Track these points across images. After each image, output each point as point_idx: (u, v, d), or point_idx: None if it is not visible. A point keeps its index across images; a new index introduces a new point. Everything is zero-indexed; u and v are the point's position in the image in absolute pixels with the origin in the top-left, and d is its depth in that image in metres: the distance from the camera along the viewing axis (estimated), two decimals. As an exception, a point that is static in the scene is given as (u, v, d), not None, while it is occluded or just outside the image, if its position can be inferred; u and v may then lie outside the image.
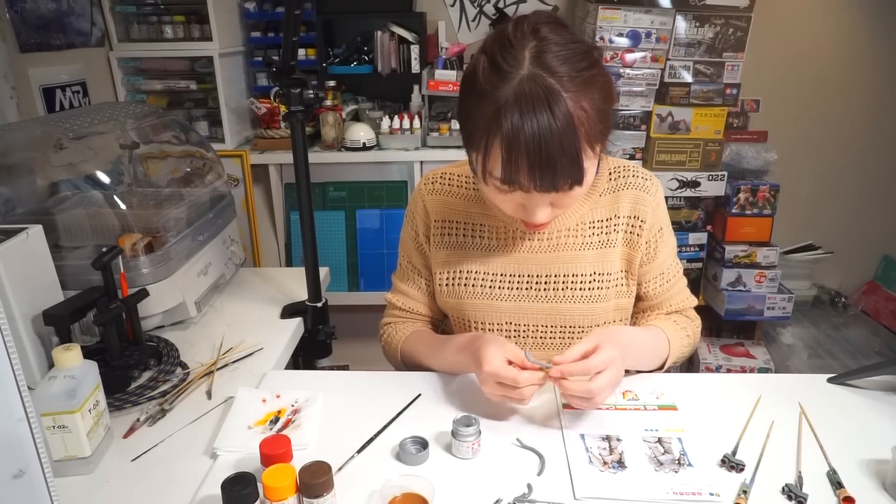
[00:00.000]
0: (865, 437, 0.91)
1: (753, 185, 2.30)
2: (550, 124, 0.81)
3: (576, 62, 0.84)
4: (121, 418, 1.00)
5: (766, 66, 2.52)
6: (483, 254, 1.09)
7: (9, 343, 0.58)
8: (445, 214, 1.11)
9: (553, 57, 0.83)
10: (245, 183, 2.43)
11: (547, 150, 0.82)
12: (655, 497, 0.80)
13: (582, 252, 1.06)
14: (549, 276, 1.06)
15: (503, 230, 1.08)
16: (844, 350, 2.48)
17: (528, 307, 1.07)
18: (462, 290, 1.09)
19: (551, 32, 0.86)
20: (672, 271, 1.12)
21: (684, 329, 1.12)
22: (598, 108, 0.86)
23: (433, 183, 1.13)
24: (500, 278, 1.08)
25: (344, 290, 2.53)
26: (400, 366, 1.18)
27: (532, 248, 1.07)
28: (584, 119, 0.84)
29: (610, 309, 1.07)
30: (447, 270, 1.11)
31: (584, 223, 1.07)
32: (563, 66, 0.83)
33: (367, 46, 2.46)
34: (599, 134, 0.87)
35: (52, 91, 1.94)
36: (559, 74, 0.83)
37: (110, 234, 1.25)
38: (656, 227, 1.07)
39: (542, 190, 0.86)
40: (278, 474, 0.74)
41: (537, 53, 0.84)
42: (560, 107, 0.81)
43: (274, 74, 1.25)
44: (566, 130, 0.82)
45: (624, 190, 1.06)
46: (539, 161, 0.83)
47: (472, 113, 0.88)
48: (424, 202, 1.12)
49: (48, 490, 0.64)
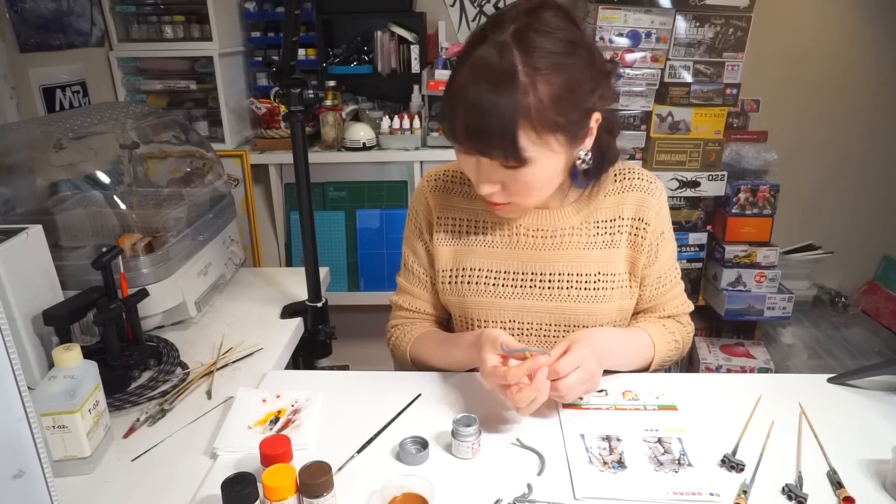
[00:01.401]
0: (865, 437, 0.91)
1: (753, 185, 2.29)
2: (493, 88, 0.84)
3: (553, 45, 0.85)
4: (121, 418, 1.00)
5: (766, 66, 2.52)
6: (487, 251, 1.09)
7: (9, 343, 0.58)
8: (448, 211, 1.11)
9: (534, 33, 0.85)
10: (245, 183, 2.43)
11: (481, 116, 0.85)
12: (655, 497, 0.80)
13: (586, 251, 1.06)
14: (552, 275, 1.06)
15: (506, 227, 1.08)
16: (844, 350, 2.48)
17: (532, 305, 1.07)
18: (465, 288, 1.09)
19: (549, 15, 0.87)
20: (670, 276, 1.12)
21: (672, 334, 1.11)
22: (556, 95, 0.86)
23: (436, 180, 1.13)
24: (504, 276, 1.07)
25: (344, 290, 2.53)
26: (411, 369, 1.16)
27: (536, 245, 1.07)
28: (532, 100, 0.84)
29: (613, 309, 1.07)
30: (450, 268, 1.11)
31: (588, 222, 1.07)
32: (539, 42, 0.85)
33: (367, 46, 2.46)
34: (553, 124, 0.87)
35: (52, 91, 1.95)
36: (529, 49, 0.84)
37: (110, 234, 1.25)
38: (659, 231, 1.07)
39: (472, 149, 0.90)
40: (278, 474, 0.74)
41: (522, 28, 0.86)
42: (509, 77, 0.83)
43: (274, 74, 1.25)
44: (506, 101, 0.84)
45: (629, 192, 1.07)
46: (471, 120, 0.86)
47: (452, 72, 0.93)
48: (427, 198, 1.12)
49: (48, 490, 0.64)
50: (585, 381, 0.91)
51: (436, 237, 1.12)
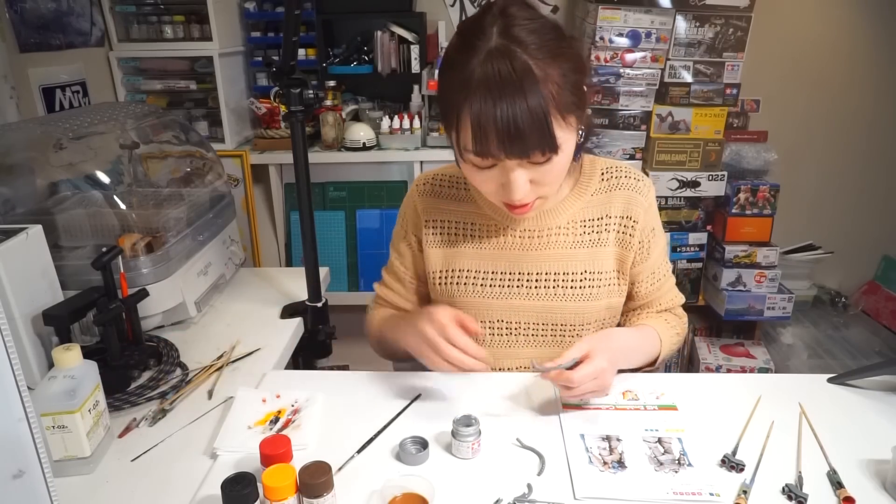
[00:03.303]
0: (865, 437, 0.91)
1: (753, 185, 2.30)
2: (517, 90, 0.82)
3: (543, 34, 0.86)
4: (120, 418, 1.00)
5: (766, 66, 2.52)
6: (475, 252, 1.10)
7: (9, 343, 0.58)
8: (437, 214, 1.12)
9: (520, 29, 0.85)
10: (245, 183, 2.43)
11: (514, 116, 0.83)
12: (655, 497, 0.80)
13: (573, 250, 1.07)
14: (540, 274, 1.07)
15: (494, 228, 1.09)
16: (844, 350, 2.48)
17: (520, 305, 1.08)
18: (455, 289, 1.10)
19: (519, 11, 0.88)
20: (662, 271, 1.14)
21: (674, 328, 1.14)
22: (567, 77, 0.87)
23: (425, 184, 1.15)
24: (492, 276, 1.08)
25: (344, 290, 2.53)
26: (376, 348, 1.22)
27: (523, 245, 1.08)
28: (552, 88, 0.85)
29: (602, 308, 1.08)
30: (440, 269, 1.12)
31: (575, 222, 1.07)
32: (530, 36, 0.85)
33: (367, 46, 2.46)
34: (571, 105, 0.88)
35: (51, 91, 1.94)
36: (526, 44, 0.84)
37: (110, 234, 1.25)
38: (649, 228, 1.09)
39: (512, 156, 0.87)
40: (278, 474, 0.74)
41: (504, 28, 0.86)
42: (527, 75, 0.83)
43: (274, 74, 1.26)
44: (532, 96, 0.83)
45: (616, 190, 1.08)
46: (507, 128, 0.84)
47: (443, 90, 0.91)
48: (416, 203, 1.14)
49: (48, 490, 0.64)
50: (596, 392, 0.93)
51: (425, 240, 1.13)
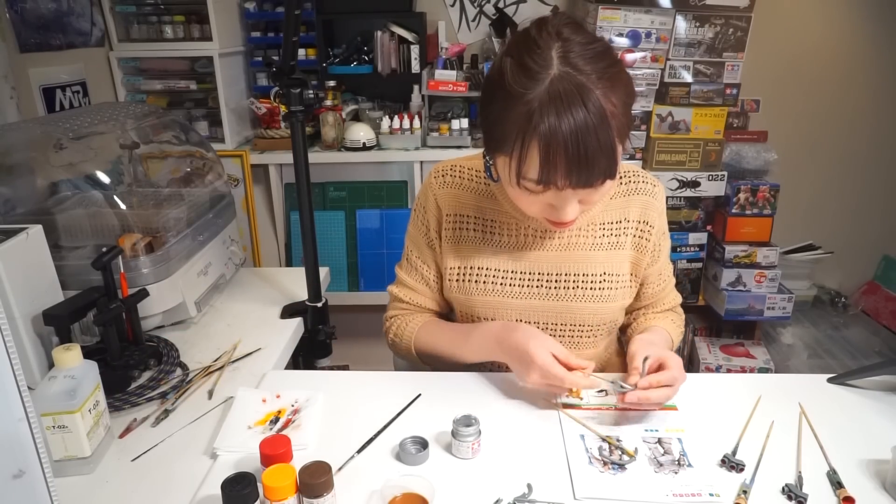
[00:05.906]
0: (865, 437, 0.91)
1: (753, 185, 2.30)
2: (587, 121, 0.82)
3: (600, 60, 0.86)
4: (121, 418, 1.00)
5: (766, 66, 2.52)
6: (494, 250, 1.09)
7: (9, 343, 0.58)
8: (457, 209, 1.10)
9: (578, 56, 0.85)
10: (245, 183, 2.43)
11: (585, 146, 0.83)
12: (655, 497, 0.80)
13: (592, 252, 1.07)
14: (559, 275, 1.07)
15: (515, 227, 1.08)
16: (844, 350, 2.48)
17: (538, 305, 1.08)
18: (472, 287, 1.09)
19: (573, 34, 0.87)
20: (667, 272, 1.17)
21: (679, 327, 1.20)
22: (624, 103, 0.88)
23: (444, 176, 1.12)
24: (511, 275, 1.08)
25: (344, 290, 2.53)
26: (414, 359, 1.16)
27: (543, 246, 1.08)
28: (615, 114, 0.85)
29: (617, 309, 1.10)
30: (457, 266, 1.10)
31: (594, 224, 1.08)
32: (590, 64, 0.84)
33: (367, 46, 2.46)
34: (626, 129, 0.90)
35: (52, 91, 1.94)
36: (587, 72, 0.84)
37: (110, 234, 1.25)
38: (661, 231, 1.11)
39: (577, 187, 0.87)
40: (278, 474, 0.74)
41: (564, 53, 0.85)
42: (594, 103, 0.82)
43: (274, 74, 1.25)
44: (602, 126, 0.83)
45: (634, 195, 1.09)
46: (577, 159, 0.83)
47: (501, 116, 0.88)
48: (436, 196, 1.11)
49: (48, 490, 0.64)
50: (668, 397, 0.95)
51: (444, 235, 1.11)
